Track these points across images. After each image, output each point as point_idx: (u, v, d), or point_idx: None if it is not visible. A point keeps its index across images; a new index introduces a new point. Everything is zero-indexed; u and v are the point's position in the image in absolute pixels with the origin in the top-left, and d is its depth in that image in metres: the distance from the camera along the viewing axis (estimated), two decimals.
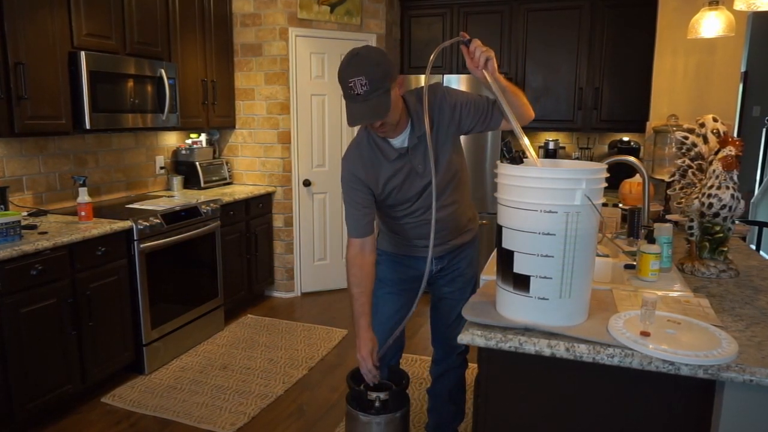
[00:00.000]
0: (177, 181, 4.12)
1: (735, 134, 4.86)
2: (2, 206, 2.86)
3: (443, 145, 1.90)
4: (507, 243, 1.40)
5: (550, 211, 1.31)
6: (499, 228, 1.43)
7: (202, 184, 4.19)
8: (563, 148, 4.84)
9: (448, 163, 1.93)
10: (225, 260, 3.89)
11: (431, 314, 2.31)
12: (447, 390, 2.36)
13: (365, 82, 1.65)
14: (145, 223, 3.12)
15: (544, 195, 1.32)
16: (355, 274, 1.96)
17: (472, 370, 2.36)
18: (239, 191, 4.20)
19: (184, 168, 4.21)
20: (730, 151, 1.82)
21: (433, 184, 1.72)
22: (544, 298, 1.36)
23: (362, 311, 1.96)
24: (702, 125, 2.00)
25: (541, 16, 4.50)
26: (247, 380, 3.17)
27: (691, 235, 1.98)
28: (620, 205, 2.98)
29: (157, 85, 3.50)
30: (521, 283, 1.37)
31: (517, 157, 1.50)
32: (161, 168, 4.16)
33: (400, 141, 1.88)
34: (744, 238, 2.61)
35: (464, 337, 1.39)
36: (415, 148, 1.87)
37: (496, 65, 1.65)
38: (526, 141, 1.56)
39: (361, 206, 1.92)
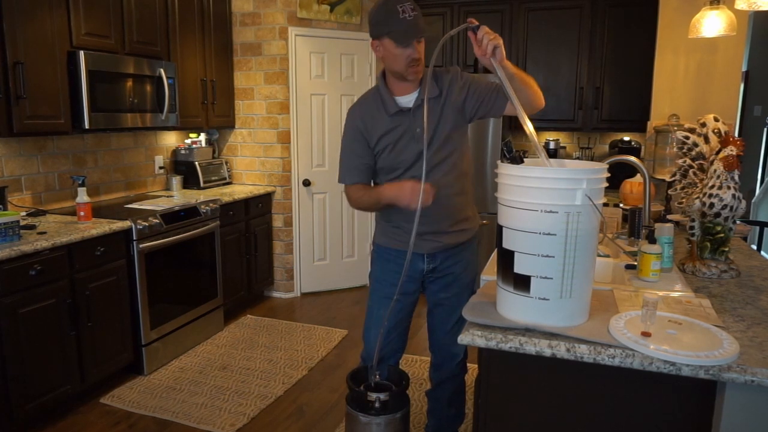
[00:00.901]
0: (176, 181, 4.11)
1: (736, 134, 4.85)
2: (1, 206, 2.86)
3: (445, 117, 1.96)
4: (507, 243, 1.40)
5: (550, 211, 1.31)
6: (500, 228, 1.42)
7: (202, 184, 4.18)
8: (564, 147, 4.83)
9: (446, 137, 1.97)
10: (224, 260, 3.88)
11: (428, 320, 2.27)
12: (447, 396, 2.34)
13: (413, 7, 1.83)
14: (144, 223, 3.11)
15: (544, 195, 1.31)
16: (357, 196, 2.06)
17: (472, 370, 2.36)
18: (239, 191, 4.19)
19: (183, 168, 4.20)
20: (731, 150, 1.81)
21: (424, 135, 1.76)
22: (544, 299, 1.35)
23: (377, 190, 1.98)
24: (703, 125, 1.99)
25: (542, 16, 4.49)
26: (247, 381, 3.17)
27: (692, 235, 1.97)
28: (621, 205, 2.97)
29: (157, 84, 3.49)
30: (522, 283, 1.37)
31: (517, 156, 1.49)
32: (160, 168, 4.16)
33: (405, 100, 1.96)
34: (745, 239, 2.59)
35: (464, 338, 1.38)
36: (417, 109, 1.94)
37: (504, 53, 1.66)
38: (530, 126, 1.54)
39: (357, 156, 2.03)
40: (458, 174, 2.05)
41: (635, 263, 1.86)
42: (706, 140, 1.97)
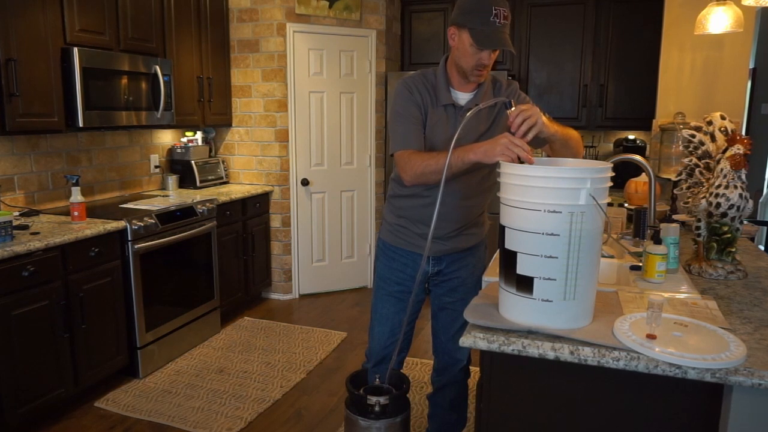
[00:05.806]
0: (172, 180, 4.07)
1: (743, 132, 4.81)
2: None
3: (493, 129, 1.92)
4: (510, 244, 1.37)
5: (554, 211, 1.29)
6: (502, 228, 1.41)
7: (198, 184, 4.14)
8: None
9: None
10: (221, 261, 3.84)
11: (432, 323, 2.24)
12: (448, 400, 2.30)
13: (507, 15, 1.76)
14: (140, 224, 3.07)
15: (548, 195, 1.29)
16: (419, 159, 1.79)
17: (474, 373, 2.32)
18: (236, 191, 4.15)
19: (179, 167, 4.17)
20: (738, 149, 1.79)
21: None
22: (547, 300, 1.33)
23: (462, 148, 1.69)
24: (709, 123, 1.97)
25: (545, 12, 4.45)
26: (244, 384, 3.12)
27: (699, 235, 1.94)
28: (626, 204, 2.95)
29: (152, 81, 3.45)
30: (524, 284, 1.34)
31: None
32: (156, 167, 4.12)
33: (461, 96, 1.92)
34: (752, 239, 2.56)
35: (466, 340, 1.36)
36: (466, 111, 1.88)
37: (544, 126, 1.61)
38: None
39: (416, 119, 1.90)
40: (482, 189, 2.01)
41: (640, 264, 1.84)
42: (713, 139, 1.95)
